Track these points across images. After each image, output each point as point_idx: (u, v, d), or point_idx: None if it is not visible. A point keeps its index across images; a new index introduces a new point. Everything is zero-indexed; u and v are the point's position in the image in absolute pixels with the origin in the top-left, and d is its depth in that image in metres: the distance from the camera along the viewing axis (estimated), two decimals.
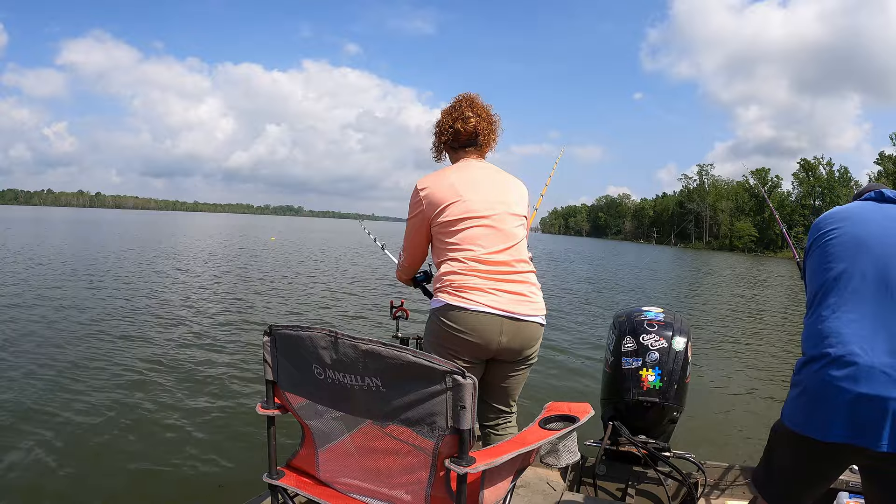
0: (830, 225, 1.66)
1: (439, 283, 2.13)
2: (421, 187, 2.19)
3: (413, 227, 2.25)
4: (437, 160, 2.40)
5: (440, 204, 2.14)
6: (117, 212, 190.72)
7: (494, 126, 2.33)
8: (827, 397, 1.45)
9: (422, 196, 2.18)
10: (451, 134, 2.28)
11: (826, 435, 1.45)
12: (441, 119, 2.33)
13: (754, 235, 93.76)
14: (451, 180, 2.18)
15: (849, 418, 1.41)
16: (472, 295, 2.04)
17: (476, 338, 2.05)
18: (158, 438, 4.38)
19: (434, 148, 2.39)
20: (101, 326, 8.08)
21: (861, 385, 1.38)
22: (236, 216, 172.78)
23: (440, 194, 2.15)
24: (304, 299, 12.03)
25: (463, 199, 2.13)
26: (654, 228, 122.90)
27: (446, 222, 2.13)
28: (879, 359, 1.38)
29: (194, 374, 6.04)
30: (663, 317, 2.95)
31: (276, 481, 1.60)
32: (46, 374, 5.73)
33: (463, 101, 2.31)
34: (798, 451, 1.58)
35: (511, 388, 2.25)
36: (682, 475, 2.78)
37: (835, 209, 1.73)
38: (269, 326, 1.54)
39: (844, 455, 1.48)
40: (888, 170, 72.82)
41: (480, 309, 2.03)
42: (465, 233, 2.11)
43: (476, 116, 2.27)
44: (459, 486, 1.32)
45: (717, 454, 4.29)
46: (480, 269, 2.07)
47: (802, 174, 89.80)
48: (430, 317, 2.17)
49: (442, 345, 2.09)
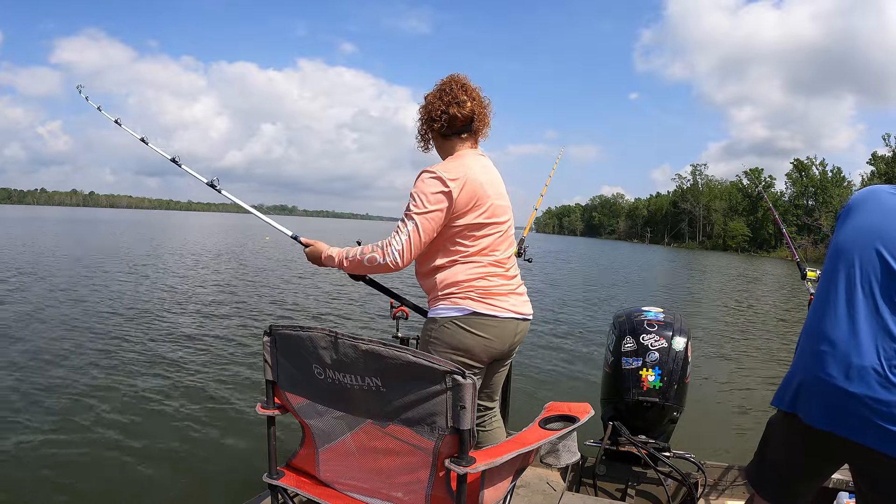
0: (847, 212, 1.62)
1: (456, 288, 1.98)
2: (452, 177, 1.94)
3: (426, 221, 1.94)
4: (424, 150, 2.21)
5: (474, 201, 1.97)
6: (111, 211, 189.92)
7: (487, 110, 2.16)
8: (816, 390, 1.47)
9: (452, 188, 1.93)
10: (446, 120, 2.08)
11: (811, 419, 1.47)
12: (430, 104, 2.12)
13: (747, 235, 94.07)
14: (479, 177, 2.01)
15: (836, 411, 1.42)
16: (499, 301, 2.00)
17: (499, 344, 2.02)
18: (158, 438, 4.37)
19: (421, 137, 2.19)
20: (98, 327, 8.05)
21: (850, 383, 1.40)
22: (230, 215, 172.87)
23: (473, 192, 1.97)
24: (303, 299, 12.01)
25: (492, 201, 2.01)
26: (647, 228, 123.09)
27: (475, 224, 1.99)
28: (870, 359, 1.39)
29: (193, 374, 6.03)
30: (663, 317, 2.95)
31: (276, 481, 1.59)
32: (45, 373, 5.72)
33: (454, 83, 2.11)
34: (789, 438, 1.60)
35: (496, 384, 2.25)
36: (681, 475, 2.78)
37: (859, 193, 1.66)
38: (269, 326, 1.54)
39: (831, 446, 1.48)
40: (881, 170, 73.14)
41: (506, 315, 2.00)
42: (491, 237, 2.02)
43: (471, 100, 2.10)
44: (459, 486, 1.32)
45: (717, 454, 4.31)
46: (500, 273, 2.03)
47: (795, 174, 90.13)
48: (444, 324, 1.99)
49: (458, 354, 1.96)
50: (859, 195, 1.63)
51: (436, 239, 2.01)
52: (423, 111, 2.16)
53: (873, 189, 1.62)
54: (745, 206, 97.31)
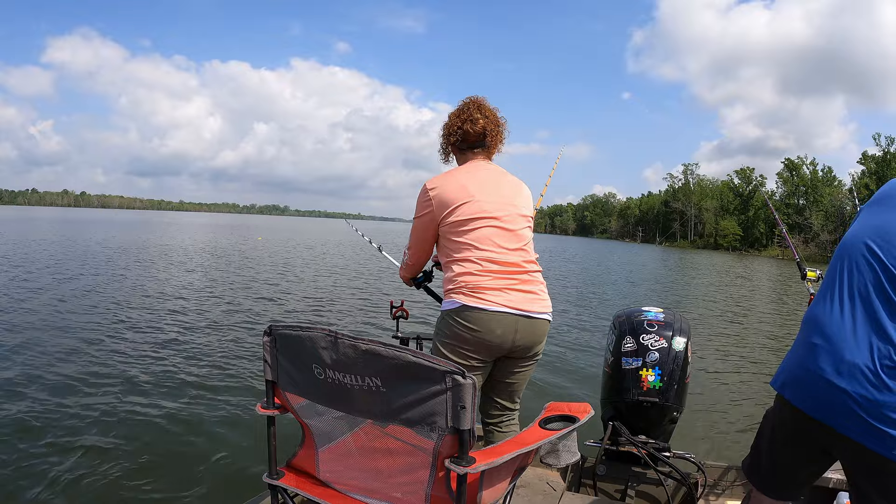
0: (867, 206, 1.61)
1: (452, 284, 2.13)
2: (431, 187, 2.20)
3: (421, 227, 2.26)
4: (444, 161, 2.45)
5: (451, 204, 2.15)
6: (101, 211, 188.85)
7: (501, 128, 2.37)
8: (805, 381, 1.50)
9: (431, 196, 2.19)
10: (460, 135, 2.31)
11: (802, 405, 1.50)
12: (449, 121, 2.36)
13: (738, 234, 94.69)
14: (461, 181, 2.20)
15: (824, 403, 1.44)
16: (489, 295, 2.06)
17: (494, 337, 2.07)
18: (157, 438, 4.36)
19: (442, 150, 2.43)
20: (95, 328, 8.01)
21: (840, 379, 1.41)
22: (221, 215, 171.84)
23: (451, 194, 2.16)
24: (301, 299, 12.01)
25: (475, 200, 2.15)
26: (639, 227, 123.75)
27: (458, 222, 2.14)
28: (863, 357, 1.39)
29: (193, 374, 6.01)
30: (663, 317, 2.95)
31: (276, 481, 1.59)
32: (43, 373, 5.70)
33: (471, 104, 2.34)
34: (782, 426, 1.62)
35: (517, 385, 2.29)
36: (681, 475, 2.78)
37: (885, 186, 1.62)
38: (268, 326, 1.53)
39: (821, 434, 1.49)
40: (870, 169, 73.76)
41: (498, 309, 2.06)
42: (478, 233, 2.13)
43: (484, 118, 2.30)
44: (459, 486, 1.32)
45: (717, 454, 4.33)
46: (495, 269, 2.10)
47: (786, 173, 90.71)
48: (442, 318, 2.16)
49: (457, 346, 2.10)
50: (884, 189, 1.60)
51: (438, 240, 2.26)
52: (444, 128, 2.39)
53: (894, 183, 1.60)
54: (737, 206, 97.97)
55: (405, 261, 2.47)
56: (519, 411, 2.36)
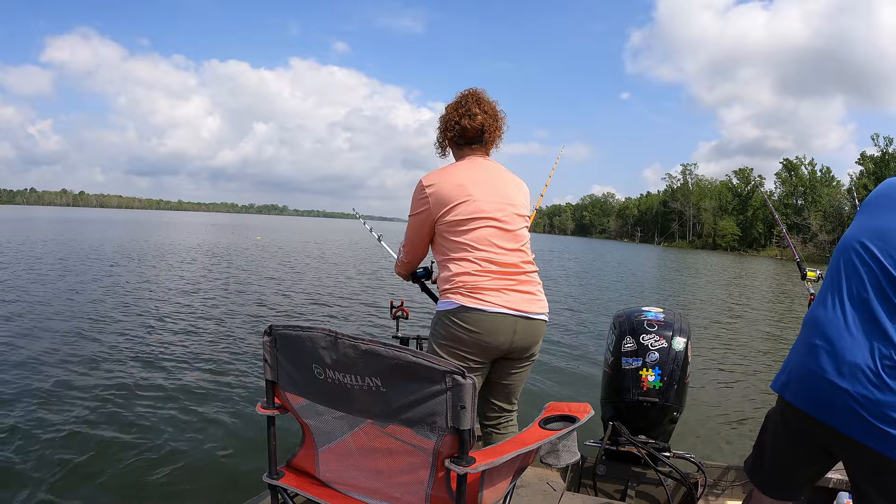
0: (865, 205, 1.59)
1: (449, 284, 2.08)
2: (427, 184, 2.13)
3: (416, 224, 2.19)
4: (441, 156, 2.35)
5: (448, 203, 2.09)
6: (99, 211, 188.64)
7: (500, 123, 2.28)
8: (806, 382, 1.50)
9: (428, 193, 2.12)
10: (458, 130, 2.22)
11: (803, 405, 1.50)
12: (446, 114, 2.26)
13: (737, 234, 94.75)
14: (459, 179, 2.13)
15: (825, 403, 1.45)
16: (488, 296, 2.03)
17: (491, 339, 2.04)
18: (157, 438, 4.35)
19: (438, 144, 2.33)
20: (95, 327, 8.01)
21: (841, 379, 1.41)
22: (220, 215, 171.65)
23: (448, 193, 2.10)
24: (301, 299, 11.98)
25: (473, 199, 2.09)
26: (638, 227, 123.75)
27: (455, 221, 2.09)
28: (864, 358, 1.39)
29: (193, 374, 6.01)
30: (663, 317, 2.95)
31: (276, 481, 1.58)
32: (42, 373, 5.69)
33: (469, 97, 2.24)
34: (784, 426, 1.61)
35: (514, 386, 2.25)
36: (681, 475, 2.78)
37: (879, 186, 1.62)
38: (268, 326, 1.52)
39: (822, 434, 1.49)
40: (869, 169, 73.87)
41: (497, 310, 2.02)
42: (477, 233, 2.08)
43: (483, 113, 2.21)
44: (459, 486, 1.31)
45: (717, 454, 4.33)
46: (493, 269, 2.06)
47: (785, 174, 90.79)
48: (438, 318, 2.11)
49: (455, 347, 2.06)
50: (880, 189, 1.60)
51: (434, 239, 2.19)
52: (441, 121, 2.29)
53: (891, 182, 1.60)
54: (735, 206, 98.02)
55: (401, 258, 2.40)
56: (517, 412, 2.34)
